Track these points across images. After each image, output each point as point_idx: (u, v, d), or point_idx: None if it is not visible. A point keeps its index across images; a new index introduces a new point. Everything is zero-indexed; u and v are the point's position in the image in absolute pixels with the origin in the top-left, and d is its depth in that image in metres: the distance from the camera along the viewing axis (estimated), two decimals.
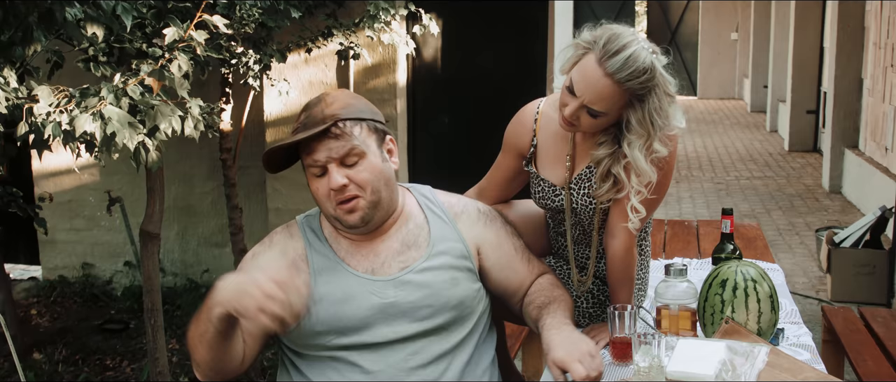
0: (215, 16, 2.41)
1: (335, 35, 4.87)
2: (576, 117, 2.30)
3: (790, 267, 6.85)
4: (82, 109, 2.30)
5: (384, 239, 2.21)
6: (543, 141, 2.55)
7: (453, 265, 2.21)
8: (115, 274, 6.68)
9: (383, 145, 2.17)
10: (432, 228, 2.24)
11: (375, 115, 2.18)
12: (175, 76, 2.44)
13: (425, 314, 2.15)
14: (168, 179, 6.28)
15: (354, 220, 2.11)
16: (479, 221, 2.32)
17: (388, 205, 2.17)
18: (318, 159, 2.08)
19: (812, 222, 8.21)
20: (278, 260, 2.18)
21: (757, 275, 2.39)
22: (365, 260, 2.18)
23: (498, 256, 2.32)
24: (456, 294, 2.19)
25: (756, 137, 13.68)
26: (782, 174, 10.63)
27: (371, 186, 2.10)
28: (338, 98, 2.14)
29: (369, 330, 2.13)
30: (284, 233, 2.24)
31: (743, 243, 3.79)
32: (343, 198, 2.09)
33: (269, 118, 5.94)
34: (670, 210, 8.77)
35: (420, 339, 2.15)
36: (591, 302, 2.64)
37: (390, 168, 2.18)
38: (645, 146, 2.28)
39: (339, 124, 2.08)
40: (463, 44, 6.21)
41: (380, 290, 2.14)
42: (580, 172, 2.49)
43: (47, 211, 6.66)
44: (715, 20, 19.47)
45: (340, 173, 2.08)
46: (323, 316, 2.11)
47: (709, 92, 19.73)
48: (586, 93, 2.25)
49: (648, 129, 2.27)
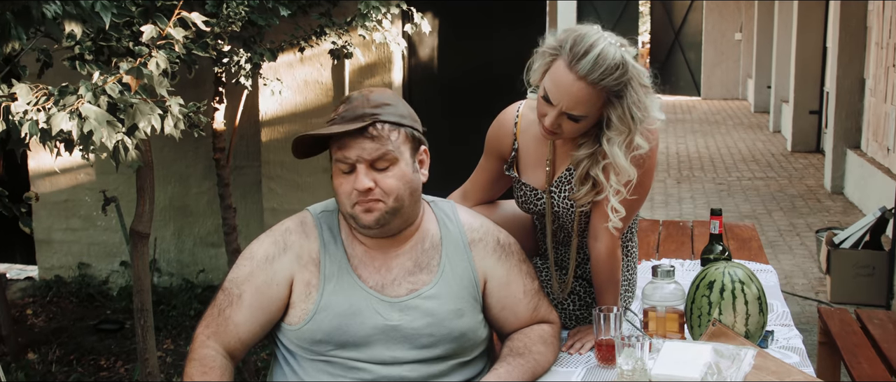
0: (194, 13, 2.38)
1: (328, 34, 4.83)
2: (557, 125, 2.26)
3: (790, 268, 6.81)
4: (60, 108, 2.27)
5: (398, 255, 2.17)
6: (524, 144, 2.51)
7: (460, 295, 2.18)
8: (111, 273, 6.66)
9: (417, 155, 2.13)
10: (445, 252, 2.20)
11: (415, 123, 2.14)
12: (153, 74, 2.41)
13: (426, 342, 2.13)
14: (164, 179, 6.27)
15: (369, 221, 2.07)
16: (494, 253, 2.26)
17: (408, 215, 2.14)
18: (349, 156, 2.04)
19: (813, 223, 8.17)
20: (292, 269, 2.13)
21: (745, 277, 2.35)
22: (376, 274, 2.15)
23: (502, 295, 2.27)
24: (459, 326, 2.16)
25: (759, 138, 13.64)
26: (784, 174, 10.58)
27: (396, 194, 2.06)
28: (382, 97, 2.10)
29: (368, 349, 2.11)
30: (299, 232, 2.18)
31: (737, 244, 3.75)
32: (364, 199, 2.05)
33: (265, 117, 5.92)
34: (671, 210, 8.73)
35: (417, 364, 2.13)
36: (577, 304, 2.60)
37: (419, 179, 2.14)
38: (625, 142, 2.25)
39: (378, 125, 2.04)
40: (460, 43, 6.17)
41: (385, 311, 2.11)
42: (560, 175, 2.46)
43: (43, 211, 6.66)
44: (719, 20, 19.42)
45: (368, 176, 2.04)
46: (325, 326, 2.10)
47: (712, 92, 19.67)
48: (563, 100, 2.21)
49: (629, 125, 2.23)
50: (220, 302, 2.18)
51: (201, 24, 2.40)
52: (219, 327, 2.16)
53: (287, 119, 5.91)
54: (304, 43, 4.94)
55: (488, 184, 2.65)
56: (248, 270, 2.16)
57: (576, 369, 2.34)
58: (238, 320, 2.15)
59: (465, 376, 2.23)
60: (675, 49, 20.42)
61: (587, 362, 2.39)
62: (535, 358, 2.23)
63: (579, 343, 2.46)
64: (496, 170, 2.61)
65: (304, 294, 2.13)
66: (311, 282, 2.13)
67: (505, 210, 2.71)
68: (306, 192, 5.83)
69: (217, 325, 2.16)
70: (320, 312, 2.10)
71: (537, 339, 2.28)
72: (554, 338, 2.34)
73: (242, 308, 2.14)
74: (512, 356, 2.22)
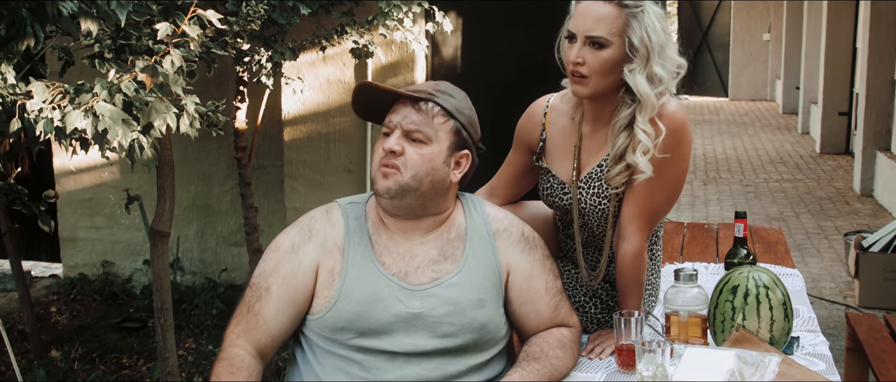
0: (209, 11, 2.37)
1: (349, 33, 4.81)
2: (581, 59, 2.29)
3: (818, 272, 6.72)
4: (75, 106, 2.26)
5: (423, 243, 2.18)
6: (553, 135, 2.51)
7: (482, 285, 2.18)
8: (134, 272, 6.68)
9: (456, 153, 2.17)
10: (470, 242, 2.21)
11: (469, 126, 2.20)
12: (168, 72, 2.39)
13: (447, 330, 2.12)
14: (187, 178, 6.27)
15: (382, 187, 2.11)
16: (518, 245, 2.26)
17: (426, 202, 2.15)
18: (393, 119, 2.13)
19: (842, 226, 8.06)
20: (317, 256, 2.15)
21: (769, 282, 2.29)
22: (400, 260, 2.16)
23: (524, 289, 2.25)
24: (480, 316, 2.15)
25: (787, 139, 13.50)
26: (813, 176, 10.46)
27: (415, 171, 2.10)
28: (448, 88, 2.21)
29: (389, 337, 2.10)
30: (324, 220, 2.21)
31: (763, 247, 3.69)
32: (386, 162, 2.10)
33: (287, 117, 5.90)
34: (697, 212, 8.65)
35: (437, 357, 2.12)
36: (599, 307, 2.56)
37: (448, 174, 2.16)
38: (646, 71, 2.28)
39: (430, 104, 2.13)
40: (483, 42, 6.14)
41: (407, 299, 2.12)
42: (591, 171, 2.42)
43: (68, 209, 6.69)
44: (747, 21, 19.24)
45: (399, 141, 2.10)
46: (347, 313, 2.10)
47: (740, 93, 19.50)
48: (584, 22, 2.28)
49: (647, 46, 2.27)
50: (248, 298, 2.18)
51: (217, 22, 2.38)
52: (248, 324, 2.15)
53: (309, 118, 5.89)
54: (326, 42, 4.92)
55: (515, 179, 2.64)
56: (274, 262, 2.17)
57: (596, 374, 2.30)
58: (267, 315, 2.14)
59: (484, 377, 2.20)
60: (702, 50, 20.26)
61: (607, 367, 2.35)
62: (552, 363, 2.19)
63: (600, 347, 2.42)
64: (524, 164, 2.60)
65: (328, 281, 2.14)
66: (334, 269, 2.14)
67: (528, 209, 2.68)
68: (328, 191, 5.81)
69: (247, 322, 2.15)
70: (342, 299, 2.10)
71: (555, 343, 2.24)
72: (573, 343, 2.29)
73: (271, 301, 2.14)
74: (528, 360, 2.18)
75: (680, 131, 2.34)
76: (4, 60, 2.50)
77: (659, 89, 2.30)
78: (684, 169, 2.41)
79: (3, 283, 6.53)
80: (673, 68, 2.33)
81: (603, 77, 2.31)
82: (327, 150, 5.88)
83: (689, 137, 2.40)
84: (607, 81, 2.32)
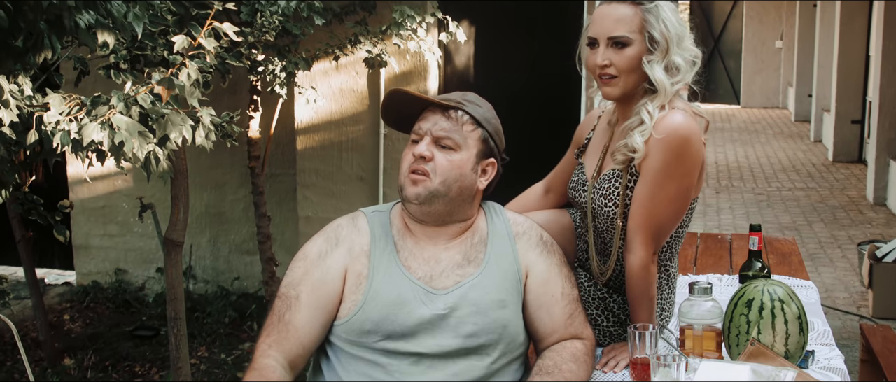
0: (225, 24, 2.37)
1: (363, 43, 4.82)
2: (608, 61, 2.35)
3: (831, 282, 6.68)
4: (92, 118, 2.27)
5: (448, 248, 2.22)
6: (596, 135, 2.61)
7: (503, 286, 2.20)
8: (147, 280, 6.70)
9: (483, 161, 2.22)
10: (491, 245, 2.25)
11: (496, 135, 2.26)
12: (184, 85, 2.40)
13: (470, 330, 2.14)
14: (200, 186, 6.29)
15: (411, 193, 2.15)
16: (537, 248, 2.29)
17: (454, 208, 2.20)
18: (423, 126, 2.18)
19: (855, 235, 8.01)
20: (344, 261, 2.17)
21: (785, 295, 2.28)
22: (426, 265, 2.19)
23: (540, 292, 2.26)
24: (502, 317, 2.18)
25: (799, 147, 13.44)
26: (825, 185, 10.41)
27: (443, 176, 2.14)
28: (476, 99, 2.27)
29: (415, 339, 2.13)
30: (351, 227, 2.24)
31: (777, 258, 3.67)
32: (416, 168, 2.14)
33: (300, 125, 5.92)
34: (709, 220, 8.62)
35: (461, 359, 2.14)
36: (611, 320, 2.55)
37: (475, 180, 2.21)
38: (664, 62, 2.34)
39: (459, 112, 2.18)
40: (496, 51, 6.14)
41: (431, 301, 2.14)
42: (607, 172, 2.44)
43: (81, 217, 6.72)
44: (759, 28, 19.18)
45: (429, 147, 2.15)
46: (374, 316, 2.12)
47: (752, 101, 19.43)
48: (603, 25, 2.35)
49: (666, 37, 2.33)
50: (278, 308, 2.18)
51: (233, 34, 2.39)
52: (279, 334, 2.15)
53: (322, 127, 5.91)
54: (339, 51, 4.93)
55: (566, 176, 2.72)
56: (303, 270, 2.19)
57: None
58: (298, 323, 2.15)
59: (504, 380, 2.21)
60: (714, 57, 20.21)
61: (622, 380, 2.34)
62: (566, 376, 2.19)
63: (614, 361, 2.41)
64: (574, 162, 2.68)
65: (355, 285, 2.16)
66: (361, 273, 2.16)
67: (545, 217, 2.67)
68: (341, 200, 5.82)
69: (278, 333, 2.15)
70: (368, 302, 2.12)
71: (569, 357, 2.24)
72: (587, 356, 2.29)
73: (301, 309, 2.15)
74: (541, 374, 2.18)
75: (680, 146, 2.32)
76: (22, 72, 2.51)
77: (676, 78, 2.36)
78: (687, 185, 2.37)
79: (17, 291, 6.57)
80: (690, 57, 2.40)
81: (630, 74, 2.37)
82: (340, 159, 5.89)
83: (694, 153, 2.35)
84: (634, 79, 2.38)
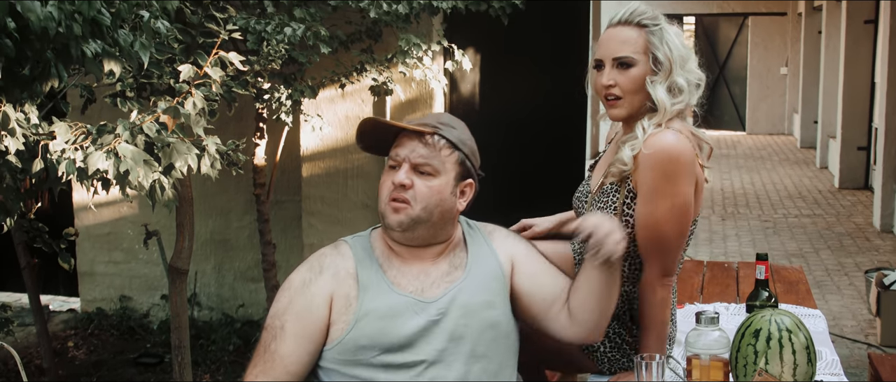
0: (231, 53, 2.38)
1: (369, 70, 4.84)
2: (612, 81, 2.40)
3: (838, 310, 6.64)
4: (98, 146, 2.27)
5: (436, 263, 2.24)
6: (608, 151, 2.65)
7: (488, 287, 2.24)
8: (151, 307, 6.69)
9: (461, 183, 2.23)
10: (470, 249, 2.29)
11: (472, 156, 2.26)
12: (190, 113, 2.40)
13: (463, 333, 2.16)
14: (205, 213, 6.29)
15: (393, 221, 2.16)
16: (509, 236, 2.37)
17: (436, 231, 2.21)
18: (400, 153, 2.17)
19: (862, 262, 7.98)
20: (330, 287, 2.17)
21: (792, 325, 2.27)
22: (415, 280, 2.21)
23: (532, 266, 2.32)
24: (491, 316, 2.21)
25: (805, 174, 13.41)
26: (832, 212, 10.38)
27: (424, 203, 2.15)
28: (450, 120, 2.27)
29: (412, 349, 2.14)
30: (334, 254, 2.25)
31: (784, 287, 3.65)
32: (397, 196, 2.15)
33: (305, 153, 5.93)
34: (715, 248, 8.59)
35: (457, 362, 2.15)
36: (607, 345, 2.54)
37: (455, 203, 2.22)
38: (667, 83, 2.38)
39: (435, 137, 2.18)
40: (501, 79, 6.15)
41: (423, 310, 2.16)
42: (606, 186, 2.47)
43: (86, 244, 6.72)
44: (764, 55, 19.20)
45: (408, 175, 2.15)
46: (368, 331, 2.12)
47: (758, 127, 19.42)
48: (609, 47, 2.41)
49: (670, 58, 2.38)
50: (264, 340, 2.19)
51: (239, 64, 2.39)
52: (266, 365, 2.15)
53: (328, 154, 5.91)
54: (345, 79, 4.94)
55: None
56: (288, 300, 2.19)
57: None
58: (284, 352, 2.14)
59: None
60: (719, 83, 20.22)
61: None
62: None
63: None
64: None
65: (344, 306, 2.16)
66: (350, 294, 2.17)
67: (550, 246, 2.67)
68: (346, 227, 5.82)
69: (264, 363, 2.15)
70: (361, 319, 2.13)
71: None
72: None
73: (286, 339, 2.15)
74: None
75: (667, 163, 2.34)
76: (28, 101, 2.51)
77: (678, 99, 2.39)
78: (682, 203, 2.37)
79: (22, 318, 6.56)
80: (694, 79, 2.44)
81: (635, 95, 2.41)
82: (345, 187, 5.89)
83: (683, 172, 2.36)
84: (639, 99, 2.42)
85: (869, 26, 11.41)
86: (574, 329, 2.28)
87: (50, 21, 2.06)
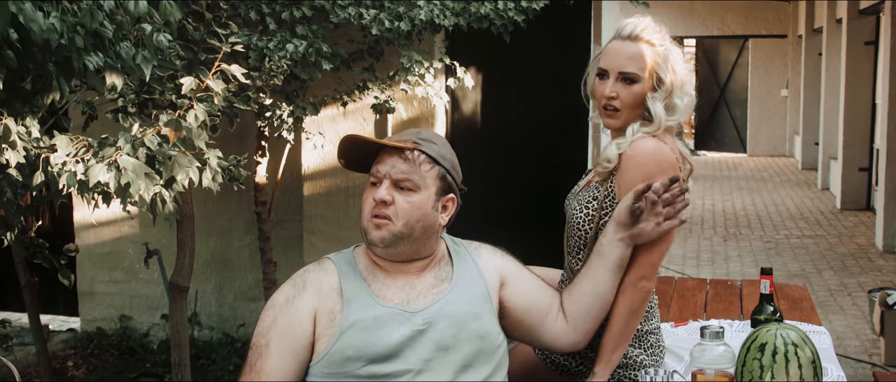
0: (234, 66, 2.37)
1: (371, 88, 4.84)
2: (615, 94, 2.43)
3: (842, 330, 6.62)
4: (99, 159, 2.26)
5: (421, 276, 2.24)
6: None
7: (474, 299, 2.25)
8: (152, 326, 6.66)
9: (443, 198, 2.23)
10: (456, 263, 2.30)
11: (453, 170, 2.26)
12: (192, 126, 2.40)
13: (450, 343, 2.17)
14: (206, 232, 6.28)
15: (375, 237, 2.16)
16: (496, 253, 2.38)
17: (419, 247, 2.21)
18: (381, 169, 2.18)
19: (865, 282, 7.95)
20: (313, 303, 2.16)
21: (798, 339, 2.25)
22: (401, 292, 2.21)
23: (526, 281, 2.34)
24: (477, 327, 2.21)
25: (807, 195, 13.40)
26: (834, 233, 10.36)
27: (406, 219, 2.16)
28: (430, 136, 2.27)
29: (398, 359, 2.13)
30: (317, 270, 2.24)
31: (788, 304, 3.63)
32: (378, 213, 2.16)
33: (307, 171, 5.92)
34: (717, 268, 8.57)
35: (445, 371, 2.15)
36: (578, 360, 2.52)
37: (437, 218, 2.22)
38: (665, 101, 2.44)
39: (415, 152, 2.18)
40: (503, 98, 6.15)
41: (409, 319, 2.16)
42: (591, 185, 2.50)
43: (87, 263, 6.70)
44: (765, 77, 19.24)
45: (389, 191, 2.16)
46: (354, 342, 2.12)
47: (759, 149, 19.43)
48: (616, 59, 2.44)
49: (672, 81, 2.44)
50: (250, 359, 2.19)
51: (241, 76, 2.39)
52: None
53: (329, 173, 5.91)
54: (347, 97, 4.94)
55: None
56: (271, 318, 2.18)
57: None
58: (270, 370, 2.14)
59: None
60: (720, 105, 20.26)
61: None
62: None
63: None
64: None
65: (329, 321, 2.16)
66: (334, 308, 2.16)
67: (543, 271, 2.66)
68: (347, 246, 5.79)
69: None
70: (346, 331, 2.12)
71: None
72: None
73: (271, 357, 2.14)
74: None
75: (651, 166, 2.38)
76: (29, 114, 2.51)
77: (673, 117, 2.46)
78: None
79: (21, 337, 6.53)
80: (689, 101, 2.49)
81: (633, 109, 2.45)
82: (346, 205, 5.88)
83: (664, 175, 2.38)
84: (636, 113, 2.46)
85: (869, 48, 11.44)
86: (571, 337, 2.35)
87: (52, 32, 2.06)
